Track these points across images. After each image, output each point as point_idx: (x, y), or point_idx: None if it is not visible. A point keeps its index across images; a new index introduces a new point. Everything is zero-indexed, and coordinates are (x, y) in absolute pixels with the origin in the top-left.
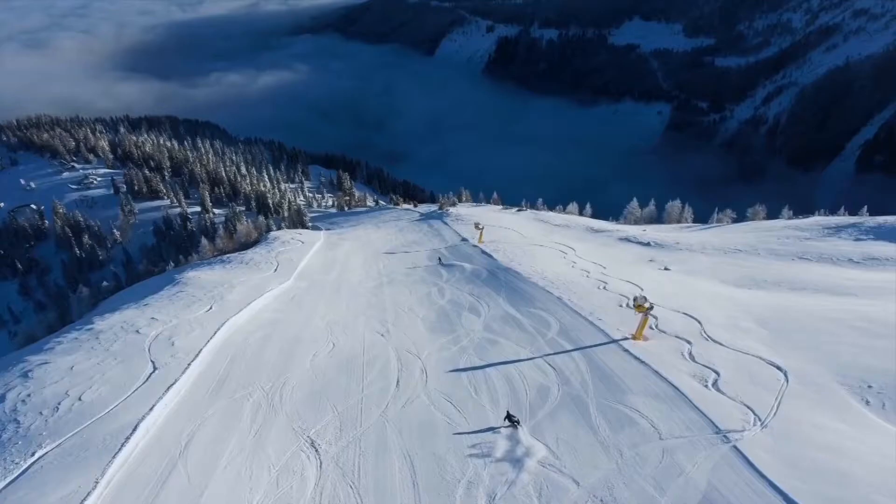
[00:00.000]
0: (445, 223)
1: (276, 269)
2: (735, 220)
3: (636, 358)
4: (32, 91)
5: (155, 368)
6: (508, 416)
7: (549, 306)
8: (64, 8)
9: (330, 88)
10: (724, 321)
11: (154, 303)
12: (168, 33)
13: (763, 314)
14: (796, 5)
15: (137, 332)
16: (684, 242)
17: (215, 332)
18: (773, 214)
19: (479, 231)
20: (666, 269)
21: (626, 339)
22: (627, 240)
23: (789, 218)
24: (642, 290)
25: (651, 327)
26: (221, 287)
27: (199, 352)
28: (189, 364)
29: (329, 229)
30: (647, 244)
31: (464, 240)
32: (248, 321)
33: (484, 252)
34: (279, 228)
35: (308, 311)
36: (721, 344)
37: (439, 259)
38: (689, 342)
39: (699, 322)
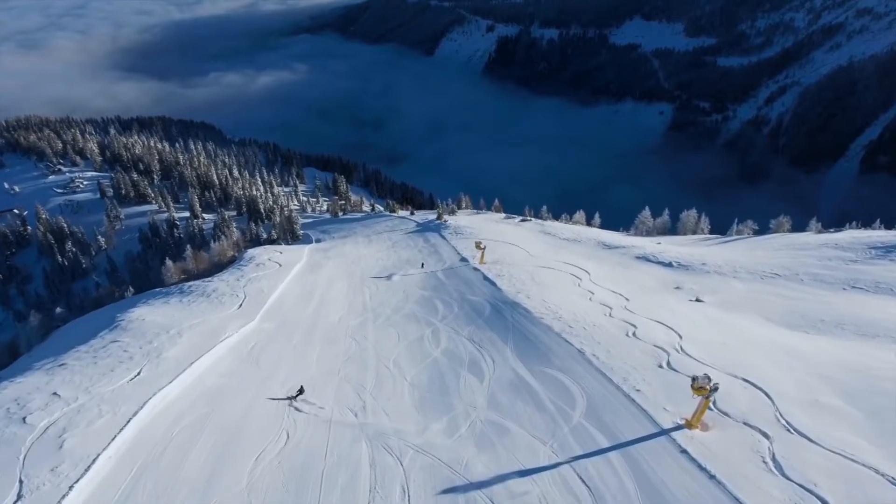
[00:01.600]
0: (443, 237)
1: (241, 305)
2: (757, 232)
3: (702, 469)
4: (29, 92)
5: (19, 497)
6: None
7: (569, 365)
8: (61, 8)
9: (329, 88)
10: (798, 392)
11: (72, 362)
12: (166, 33)
13: (842, 380)
14: (798, 4)
15: (24, 420)
16: (711, 263)
17: (128, 421)
18: (793, 222)
19: (481, 251)
20: (698, 300)
21: (678, 426)
22: (646, 259)
23: (819, 231)
24: (681, 338)
25: (710, 407)
26: (166, 334)
27: (93, 462)
28: (71, 487)
29: (319, 240)
30: (670, 265)
31: (463, 260)
32: (182, 394)
33: (486, 278)
34: (269, 236)
35: (267, 373)
36: (811, 440)
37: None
38: (765, 435)
39: (769, 397)
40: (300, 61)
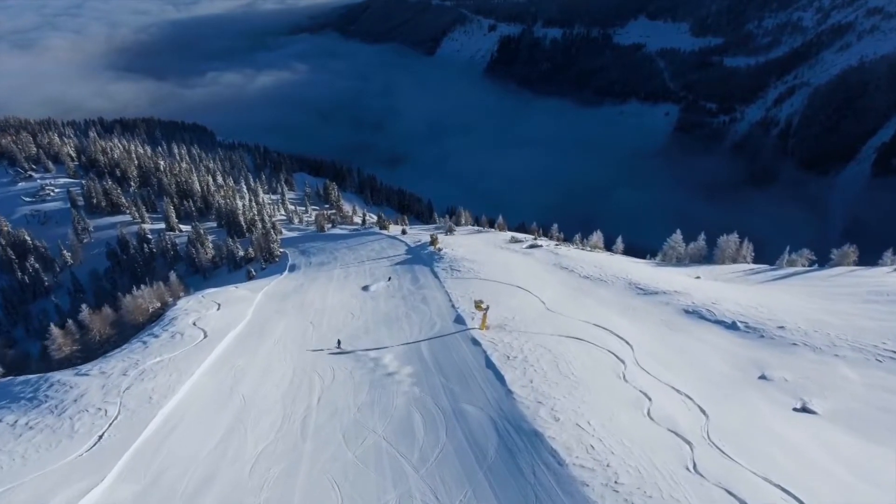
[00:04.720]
0: (435, 275)
1: (101, 435)
2: (812, 262)
3: None
4: (24, 92)
5: None
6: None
7: None
8: (57, 7)
9: (329, 89)
10: None
11: None
12: (162, 33)
13: None
14: (806, 4)
15: None
16: (790, 324)
17: None
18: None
19: (483, 312)
20: (805, 408)
21: None
22: (698, 314)
23: None
24: None
25: None
26: None
27: None
28: None
29: (294, 266)
30: (734, 326)
31: (458, 321)
32: None
33: (490, 364)
34: (245, 254)
35: None
36: None
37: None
38: None
39: None
40: (299, 61)
